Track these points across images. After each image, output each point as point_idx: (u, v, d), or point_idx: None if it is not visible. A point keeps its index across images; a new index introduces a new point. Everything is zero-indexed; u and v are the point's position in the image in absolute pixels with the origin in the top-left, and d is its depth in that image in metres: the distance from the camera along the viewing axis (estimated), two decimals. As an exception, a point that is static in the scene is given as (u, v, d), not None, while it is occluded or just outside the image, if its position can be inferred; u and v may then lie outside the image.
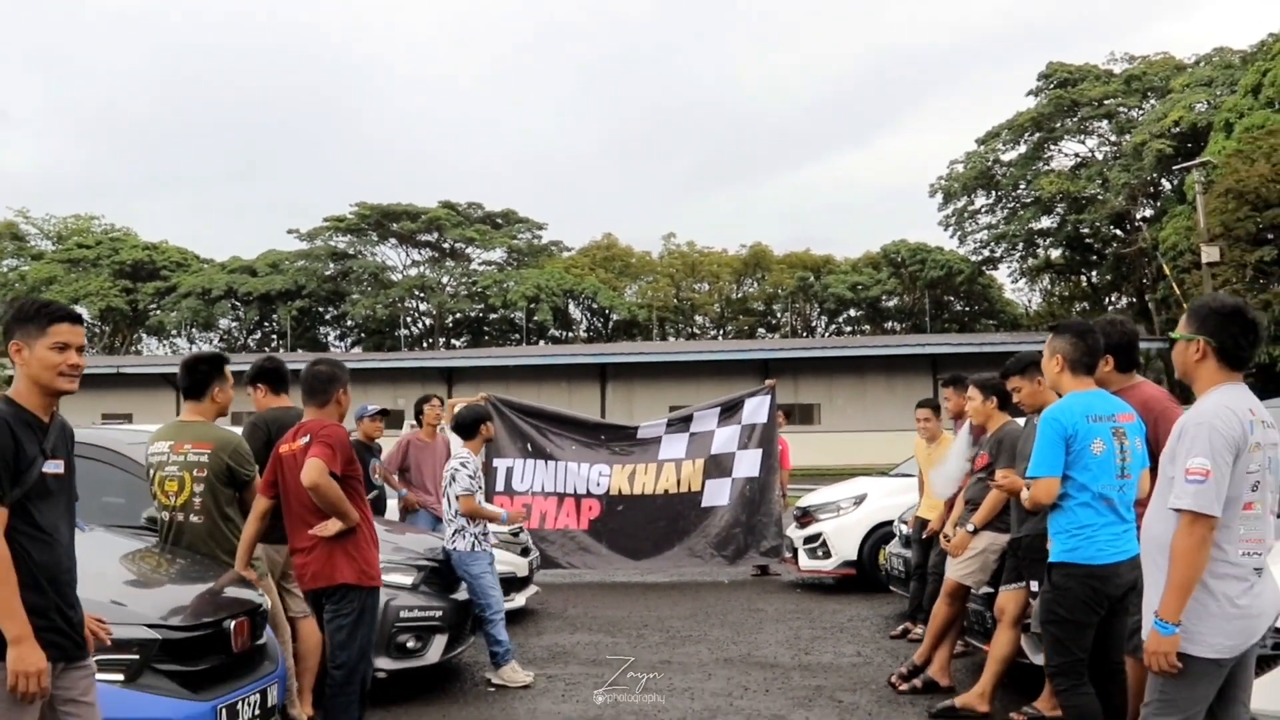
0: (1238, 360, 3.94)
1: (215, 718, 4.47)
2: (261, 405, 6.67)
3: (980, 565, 6.93)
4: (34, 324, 3.81)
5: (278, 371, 6.75)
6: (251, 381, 6.70)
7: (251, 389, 6.72)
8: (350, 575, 5.43)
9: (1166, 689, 3.78)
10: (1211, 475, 3.68)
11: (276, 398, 6.68)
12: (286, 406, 6.63)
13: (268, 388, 6.68)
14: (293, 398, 6.60)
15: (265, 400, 6.67)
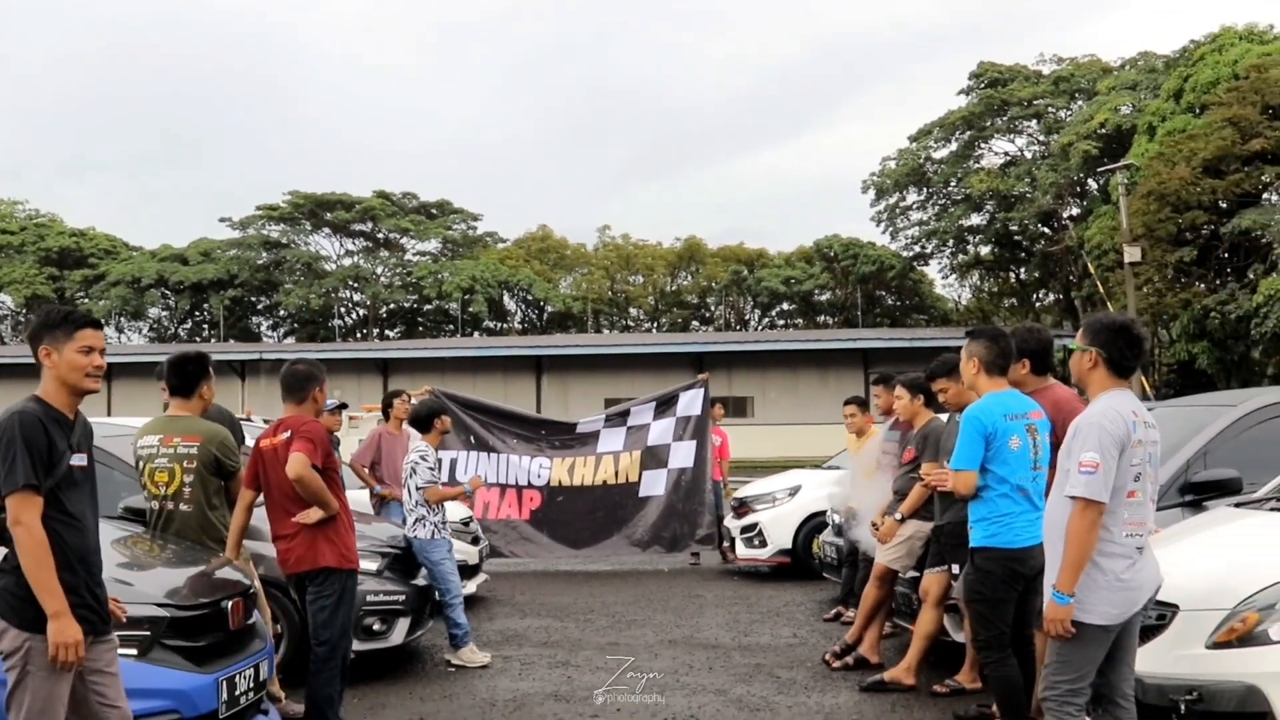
0: (1124, 369, 4.52)
1: (218, 689, 4.90)
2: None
3: (907, 551, 7.52)
4: (61, 330, 4.22)
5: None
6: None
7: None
8: (331, 559, 5.88)
9: (1063, 651, 4.37)
10: (1100, 468, 4.26)
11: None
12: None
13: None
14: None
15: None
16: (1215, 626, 4.62)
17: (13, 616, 3.97)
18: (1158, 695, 4.66)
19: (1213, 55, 38.76)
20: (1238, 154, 33.02)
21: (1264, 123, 32.87)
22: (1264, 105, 33.30)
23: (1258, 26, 40.11)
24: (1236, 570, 4.82)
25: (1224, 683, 4.49)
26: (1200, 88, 37.61)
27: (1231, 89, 34.83)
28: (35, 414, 4.07)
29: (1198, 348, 34.88)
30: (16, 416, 4.03)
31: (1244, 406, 7.51)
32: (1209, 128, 34.07)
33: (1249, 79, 34.36)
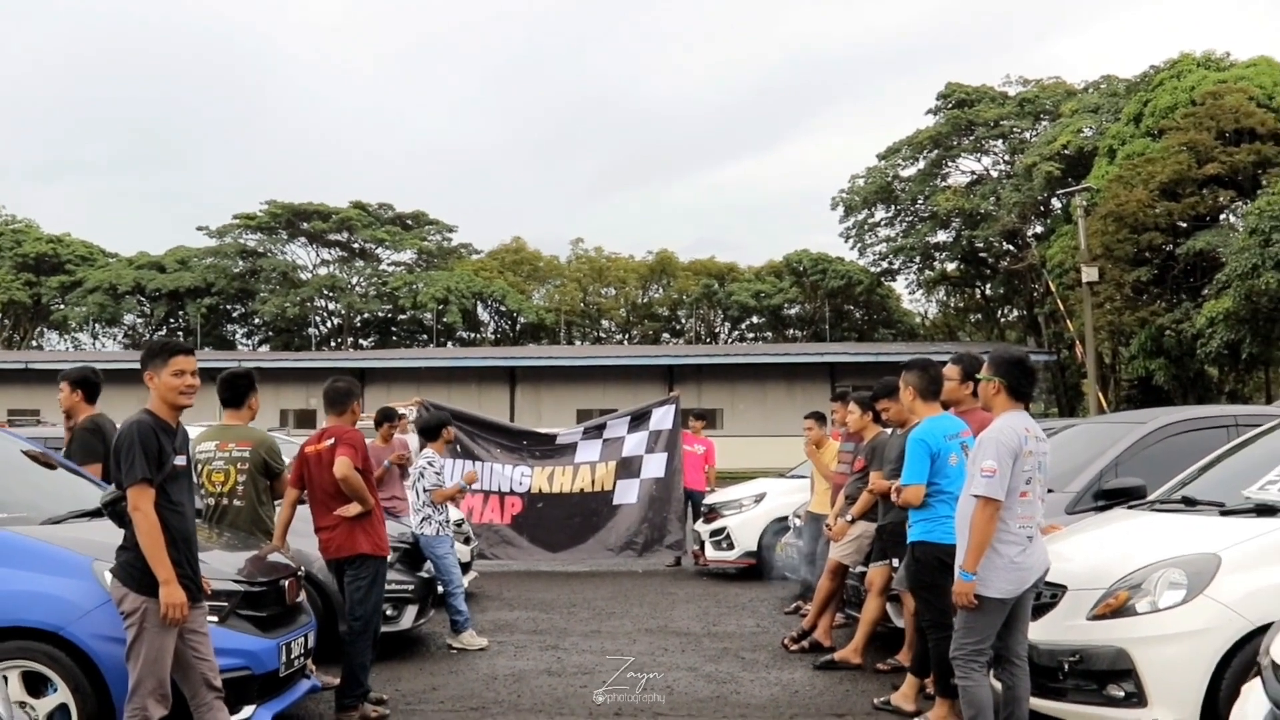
0: (1021, 395, 5.63)
1: (279, 652, 5.90)
2: (76, 408, 7.65)
3: (856, 548, 8.59)
4: (160, 358, 5.25)
5: (98, 386, 7.80)
6: (72, 385, 7.68)
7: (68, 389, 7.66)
8: (367, 547, 6.92)
9: (968, 619, 5.45)
10: (997, 472, 5.34)
11: (89, 406, 7.70)
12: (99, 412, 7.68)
13: (84, 395, 7.68)
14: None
15: (79, 405, 7.65)
16: (1095, 602, 5.68)
17: (132, 583, 4.98)
18: (1049, 658, 5.72)
19: (1171, 81, 39.98)
20: (1194, 177, 34.18)
21: (1219, 148, 34.14)
22: (1219, 131, 34.56)
23: (1214, 54, 41.39)
24: (1114, 558, 5.88)
25: (1100, 646, 5.55)
26: (1159, 112, 38.74)
27: (1188, 114, 36.01)
28: (148, 423, 5.09)
29: (1155, 364, 35.93)
30: (135, 425, 5.05)
31: (1151, 424, 8.62)
32: (1166, 151, 35.22)
33: (1205, 105, 35.61)
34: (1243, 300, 27.33)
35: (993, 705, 5.51)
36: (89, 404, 7.69)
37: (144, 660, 4.97)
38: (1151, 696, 5.33)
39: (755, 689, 7.62)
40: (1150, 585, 5.52)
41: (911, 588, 6.86)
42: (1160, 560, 5.59)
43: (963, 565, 5.44)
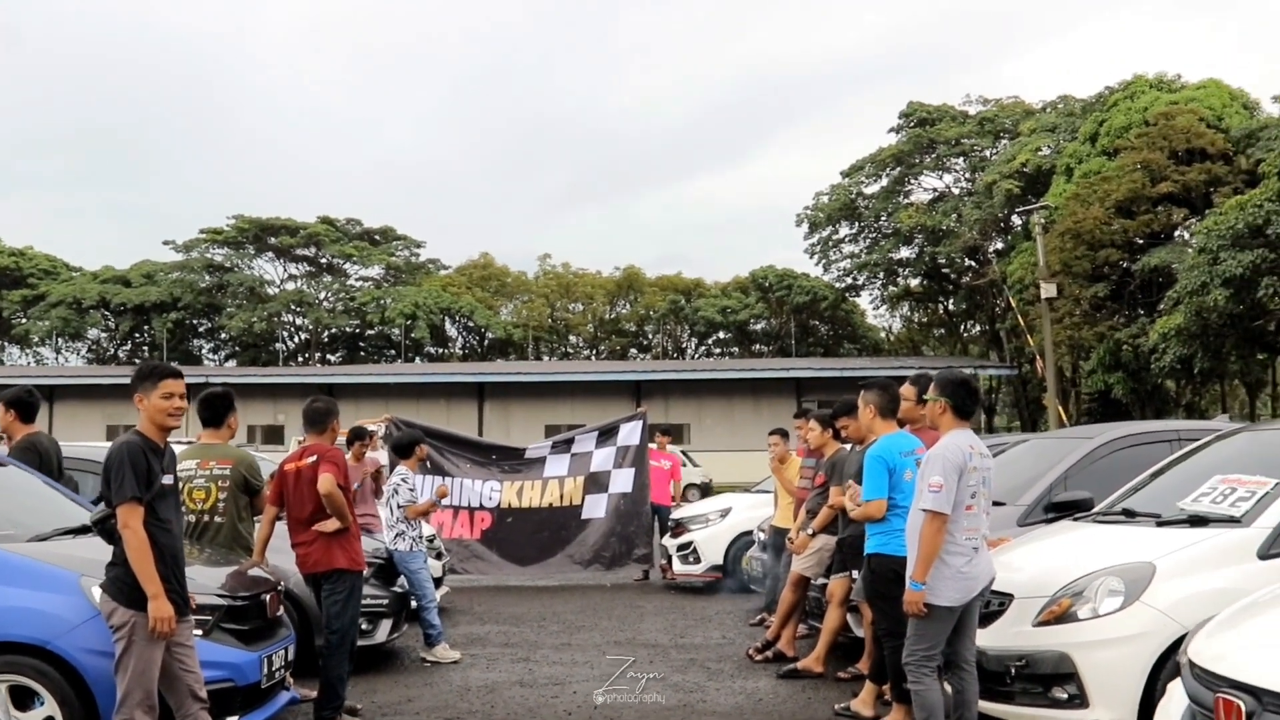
0: (965, 413, 5.96)
1: (261, 664, 6.12)
2: (11, 429, 7.80)
3: (817, 560, 8.88)
4: (149, 381, 5.48)
5: (34, 405, 7.96)
6: (6, 406, 7.80)
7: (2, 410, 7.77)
8: (344, 562, 7.15)
9: (919, 626, 5.75)
10: (944, 488, 5.65)
11: (25, 425, 7.84)
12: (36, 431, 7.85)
13: (18, 415, 7.82)
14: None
15: (14, 425, 7.79)
16: (1039, 609, 5.99)
17: (121, 598, 5.20)
18: (996, 663, 6.02)
19: (1125, 102, 40.77)
20: (1148, 195, 34.90)
21: (1171, 167, 34.86)
22: (1171, 150, 35.28)
23: (1166, 76, 42.26)
24: (1057, 567, 6.20)
25: (1044, 651, 5.86)
26: (1114, 132, 39.47)
27: (1142, 134, 36.76)
28: (137, 444, 5.32)
29: (1113, 378, 36.50)
30: (125, 446, 5.27)
31: (1098, 439, 8.97)
32: (1121, 170, 35.92)
33: (1158, 125, 36.36)
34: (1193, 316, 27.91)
35: (944, 708, 5.80)
36: (25, 424, 7.81)
37: (132, 672, 5.18)
38: (1092, 698, 5.64)
39: (721, 698, 7.88)
40: (1091, 593, 5.84)
41: (868, 598, 7.16)
42: (1100, 569, 5.91)
43: (912, 576, 5.74)
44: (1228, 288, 26.37)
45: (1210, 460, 6.97)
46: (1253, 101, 39.92)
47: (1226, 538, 5.84)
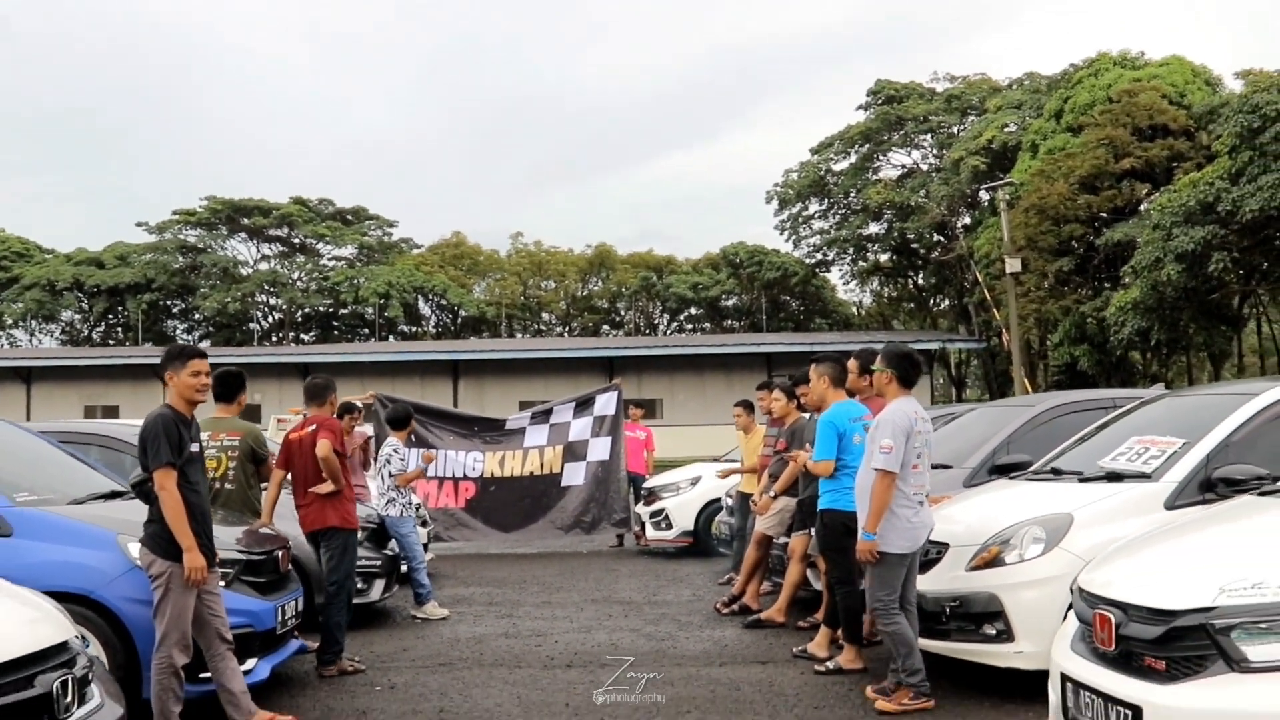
0: (909, 382, 6.70)
1: (276, 612, 6.79)
2: None
3: (779, 520, 9.61)
4: (179, 361, 6.14)
5: None
6: None
7: None
8: (336, 520, 7.86)
9: (878, 575, 6.53)
10: (894, 449, 6.37)
11: None
12: None
13: None
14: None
15: None
16: (971, 556, 6.71)
17: (159, 551, 5.85)
18: (934, 604, 6.75)
19: (1090, 79, 41.47)
20: (1111, 171, 35.64)
21: (1134, 143, 35.59)
22: (1134, 127, 35.99)
23: (1130, 53, 42.96)
24: (988, 519, 6.91)
25: (976, 593, 6.58)
26: (1078, 109, 40.14)
27: (1105, 111, 37.43)
28: (169, 416, 5.98)
29: (1079, 350, 37.22)
30: (159, 418, 5.93)
31: (1040, 407, 9.72)
32: (1085, 147, 36.62)
33: (1121, 103, 37.06)
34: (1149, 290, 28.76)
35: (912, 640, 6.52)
36: None
37: (169, 616, 5.85)
38: (1018, 632, 6.37)
39: (690, 644, 8.61)
40: (1017, 540, 6.56)
41: (821, 550, 7.91)
42: (1026, 520, 6.63)
43: (865, 527, 6.47)
44: (1180, 263, 27.23)
45: (1133, 424, 7.68)
46: (1215, 78, 40.61)
47: (1138, 491, 6.57)
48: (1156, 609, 4.05)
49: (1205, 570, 4.12)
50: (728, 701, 6.69)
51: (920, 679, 6.43)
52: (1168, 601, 4.03)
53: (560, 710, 6.55)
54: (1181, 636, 3.91)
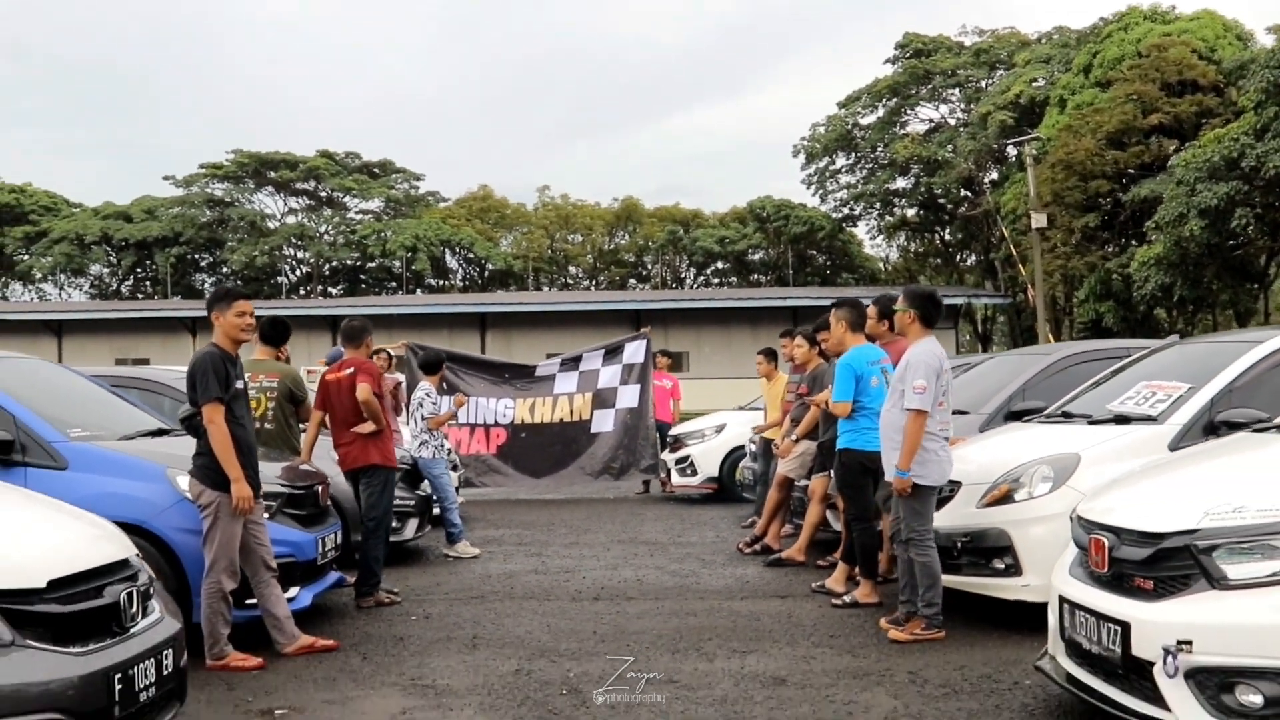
0: (930, 322, 6.97)
1: (316, 544, 7.14)
2: None
3: (800, 463, 9.89)
4: (224, 302, 6.46)
5: None
6: None
7: None
8: (378, 458, 8.17)
9: (912, 508, 6.80)
10: (927, 389, 6.64)
11: None
12: None
13: None
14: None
15: None
16: (983, 494, 6.98)
17: (208, 481, 6.19)
18: (946, 539, 7.01)
19: (1119, 33, 41.12)
20: (1139, 127, 35.46)
21: (1162, 99, 35.39)
22: (1163, 82, 35.77)
23: (1161, 7, 42.56)
24: (1000, 459, 7.18)
25: (986, 528, 6.86)
26: (1107, 64, 39.84)
27: (1134, 66, 37.18)
28: (216, 354, 6.31)
29: (1104, 307, 37.17)
30: (207, 356, 6.26)
31: (1055, 355, 9.95)
32: (1113, 102, 36.43)
33: (1150, 57, 36.81)
34: (1172, 246, 28.75)
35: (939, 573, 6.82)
36: None
37: (218, 543, 6.19)
38: (1025, 567, 6.64)
39: (713, 580, 8.93)
40: (1027, 479, 6.82)
41: (839, 488, 8.20)
42: (1035, 459, 6.89)
43: (899, 465, 6.77)
44: (1204, 218, 27.20)
45: (1143, 370, 7.91)
46: (1247, 33, 40.26)
47: (1144, 433, 6.81)
48: (1146, 532, 4.31)
49: (1192, 497, 4.37)
50: (748, 631, 7.00)
51: (936, 612, 6.71)
52: (1156, 525, 4.29)
53: (589, 637, 6.88)
54: (1168, 557, 4.18)
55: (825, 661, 6.19)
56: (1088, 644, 4.44)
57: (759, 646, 6.58)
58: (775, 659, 6.26)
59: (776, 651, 6.44)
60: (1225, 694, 3.83)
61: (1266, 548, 3.91)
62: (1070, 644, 4.65)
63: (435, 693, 5.67)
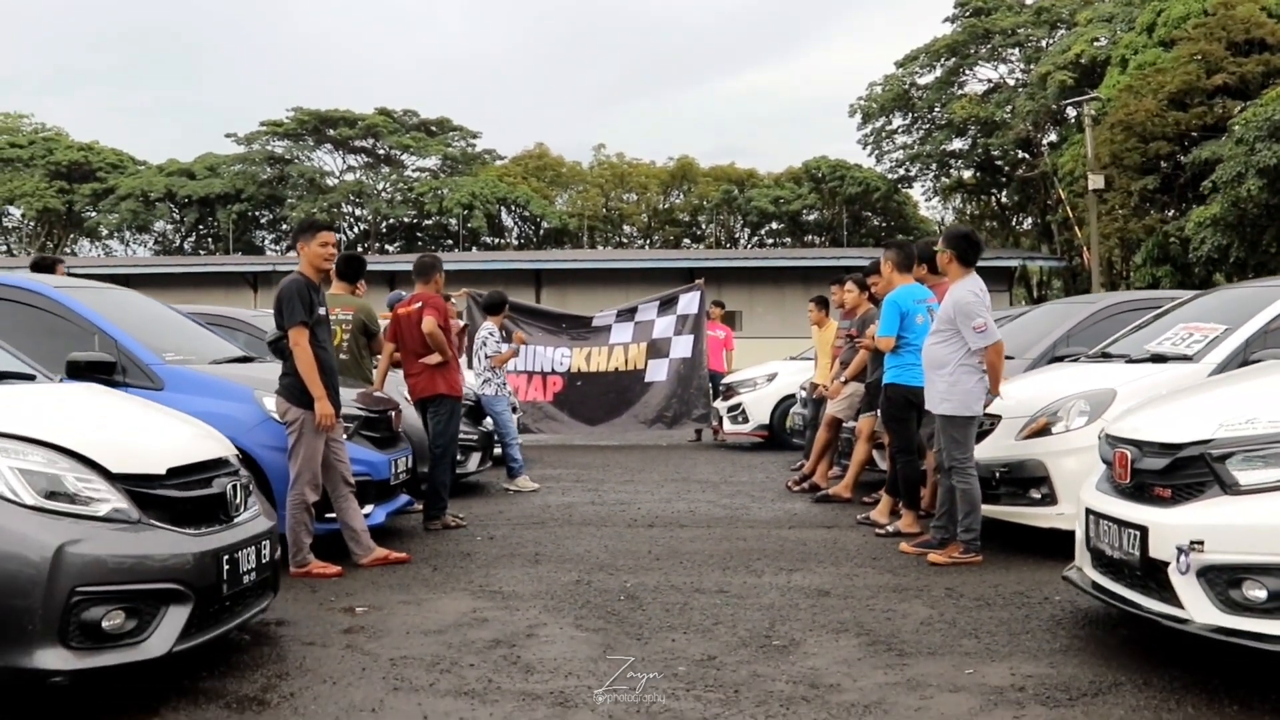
0: (968, 261, 7.26)
1: (390, 464, 7.62)
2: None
3: (848, 404, 10.25)
4: (309, 233, 6.92)
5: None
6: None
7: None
8: (444, 388, 8.64)
9: (954, 436, 7.12)
10: (987, 323, 6.99)
11: None
12: None
13: None
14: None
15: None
16: (1022, 427, 7.31)
17: (293, 399, 6.67)
18: (986, 470, 7.35)
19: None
20: (1202, 88, 34.97)
21: (1228, 58, 34.89)
22: (1229, 41, 35.24)
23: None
24: (1039, 394, 7.48)
25: (1024, 459, 7.20)
26: (1171, 22, 39.26)
27: (1200, 24, 36.63)
28: (301, 281, 6.77)
29: (1161, 271, 36.82)
30: (293, 283, 6.72)
31: (1099, 304, 10.22)
32: (1177, 62, 35.95)
33: (1216, 15, 36.26)
34: (1229, 207, 28.57)
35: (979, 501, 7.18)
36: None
37: (302, 458, 6.67)
38: (1060, 496, 6.97)
39: (762, 513, 9.34)
40: (1064, 412, 7.15)
41: (884, 421, 8.56)
42: (1072, 394, 7.21)
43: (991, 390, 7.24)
44: (1262, 178, 27.00)
45: (1184, 314, 8.15)
46: (1324, -12, 39.62)
47: (1178, 371, 7.08)
48: (1165, 443, 4.64)
49: (1209, 411, 4.68)
50: (795, 553, 7.40)
51: (974, 537, 7.07)
52: (1174, 436, 4.61)
53: (644, 555, 7.31)
54: (1185, 466, 4.50)
55: (867, 579, 6.58)
56: (1110, 550, 4.79)
57: (804, 566, 6.97)
58: (820, 576, 6.65)
59: (821, 570, 6.84)
60: (1233, 589, 4.16)
61: (1276, 456, 4.23)
62: (1095, 553, 5.00)
63: (502, 597, 6.12)
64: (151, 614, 4.19)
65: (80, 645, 3.98)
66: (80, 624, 3.98)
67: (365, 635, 5.31)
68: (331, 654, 4.98)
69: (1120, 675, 4.54)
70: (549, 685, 4.48)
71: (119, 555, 4.12)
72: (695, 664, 4.76)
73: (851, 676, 4.58)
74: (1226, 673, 4.46)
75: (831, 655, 4.90)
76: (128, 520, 4.24)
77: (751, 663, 4.78)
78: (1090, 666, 4.69)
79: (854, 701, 4.25)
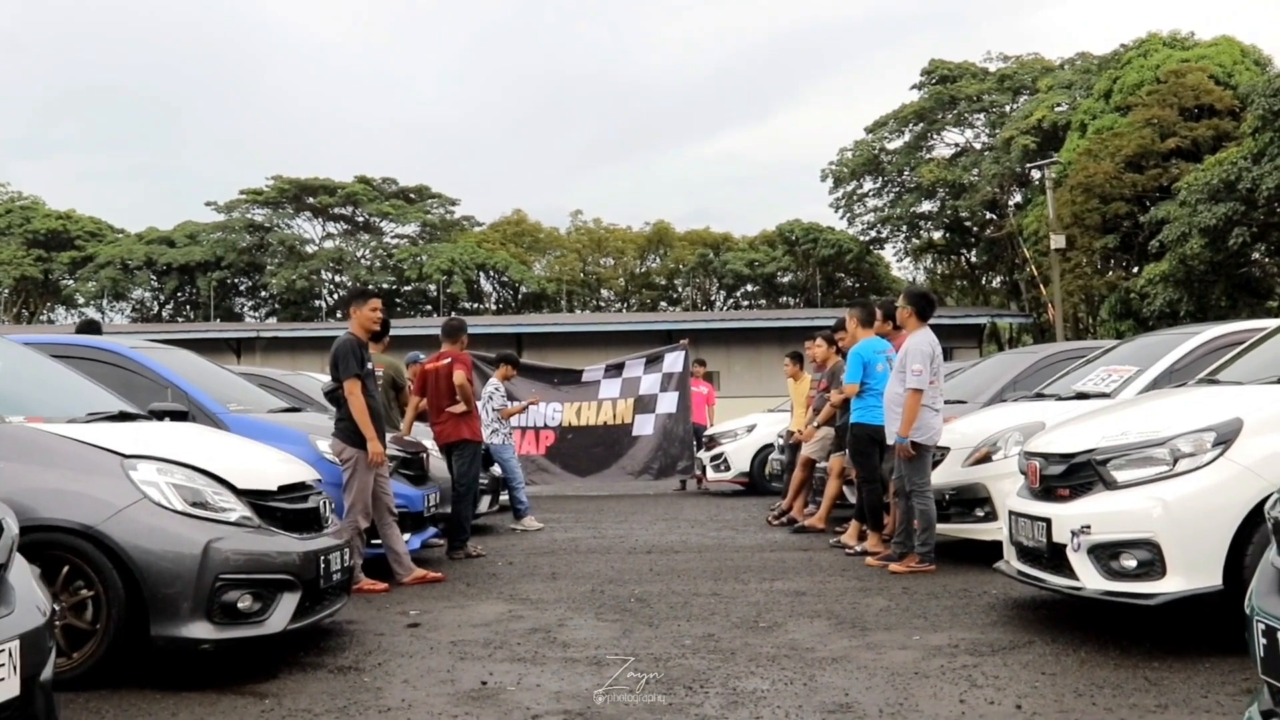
0: (924, 316, 8.54)
1: (423, 500, 8.80)
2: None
3: (821, 446, 11.48)
4: (361, 299, 8.17)
5: None
6: None
7: None
8: (468, 434, 9.83)
9: (914, 466, 8.34)
10: (922, 371, 8.23)
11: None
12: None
13: None
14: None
15: None
16: (968, 456, 8.56)
17: (349, 440, 7.85)
18: (938, 494, 8.58)
19: (1139, 59, 42.33)
20: (1157, 150, 36.66)
21: (1180, 123, 36.65)
22: (1180, 107, 37.01)
23: (1180, 34, 43.83)
24: (981, 428, 8.75)
25: (970, 483, 8.45)
26: (1126, 89, 41.01)
27: (1153, 91, 38.37)
28: (354, 340, 8.00)
29: (1124, 325, 38.22)
30: (347, 341, 7.93)
31: (1039, 354, 11.53)
32: (1132, 127, 37.66)
33: (1168, 83, 38.07)
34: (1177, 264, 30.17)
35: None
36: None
37: (355, 490, 7.83)
38: (1000, 514, 8.16)
39: (746, 541, 10.55)
40: (1003, 442, 8.40)
41: (851, 456, 9.78)
42: (1009, 427, 8.48)
43: (899, 433, 8.37)
44: (1204, 237, 28.66)
45: (1107, 359, 9.46)
46: (1265, 58, 41.31)
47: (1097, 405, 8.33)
48: (1062, 453, 5.89)
49: (1096, 428, 5.95)
50: (776, 568, 8.62)
51: (929, 551, 8.29)
52: (1069, 447, 5.87)
53: (646, 572, 8.50)
54: (1078, 470, 5.75)
55: (837, 583, 7.79)
56: (1027, 540, 6.02)
57: (784, 576, 8.18)
58: (797, 582, 7.85)
59: (798, 578, 8.04)
60: (1113, 561, 5.39)
61: (1143, 459, 5.48)
62: (1017, 545, 6.23)
63: (531, 602, 7.28)
64: (271, 599, 5.35)
65: (221, 621, 5.15)
66: (221, 604, 5.14)
67: (424, 628, 6.46)
68: (401, 640, 6.13)
69: (1033, 636, 5.78)
70: (584, 654, 5.65)
71: (248, 551, 5.28)
72: (699, 639, 5.94)
73: (823, 643, 5.78)
74: (1114, 629, 5.68)
75: (807, 631, 6.10)
76: (251, 525, 5.41)
77: (744, 637, 5.97)
78: (1011, 631, 5.93)
79: (824, 657, 5.45)
